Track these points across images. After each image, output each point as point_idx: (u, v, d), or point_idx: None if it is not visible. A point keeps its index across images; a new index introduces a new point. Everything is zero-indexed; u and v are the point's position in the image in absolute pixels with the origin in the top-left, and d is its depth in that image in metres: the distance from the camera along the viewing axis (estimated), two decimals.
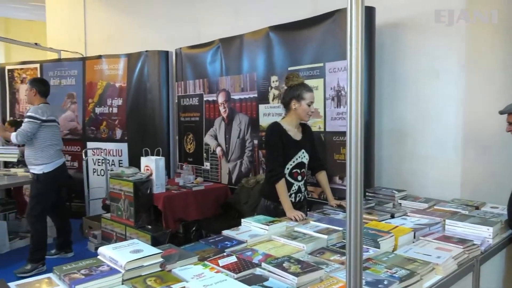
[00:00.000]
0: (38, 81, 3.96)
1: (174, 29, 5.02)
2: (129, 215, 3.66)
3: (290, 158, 2.49)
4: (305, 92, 2.47)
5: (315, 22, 3.28)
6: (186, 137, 4.76)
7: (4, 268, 3.59)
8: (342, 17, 3.02)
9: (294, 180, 2.52)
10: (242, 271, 1.46)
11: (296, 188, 2.53)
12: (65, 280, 1.33)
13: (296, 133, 2.54)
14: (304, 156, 2.55)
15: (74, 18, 6.03)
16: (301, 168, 2.55)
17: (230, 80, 4.16)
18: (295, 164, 2.50)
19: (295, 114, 2.51)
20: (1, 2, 9.64)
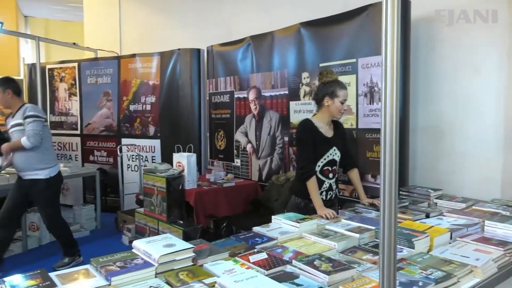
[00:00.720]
0: (9, 81, 3.50)
1: (206, 27, 5.07)
2: (162, 210, 3.74)
3: (321, 156, 2.46)
4: (339, 90, 2.43)
5: (348, 17, 3.22)
6: (217, 134, 4.81)
7: (44, 259, 3.76)
8: (375, 11, 2.94)
9: (325, 178, 2.49)
10: (272, 267, 1.46)
11: (327, 186, 2.51)
12: (101, 272, 1.38)
13: (328, 130, 2.51)
14: (336, 154, 2.51)
15: (110, 18, 6.21)
16: (333, 165, 2.52)
17: (261, 77, 4.16)
18: (326, 161, 2.47)
19: (328, 111, 2.48)
20: (41, 4, 10.07)
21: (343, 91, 2.45)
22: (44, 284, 1.27)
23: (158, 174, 3.78)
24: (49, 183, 3.42)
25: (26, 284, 1.27)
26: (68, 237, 3.70)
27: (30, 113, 3.30)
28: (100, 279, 1.35)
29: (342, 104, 2.45)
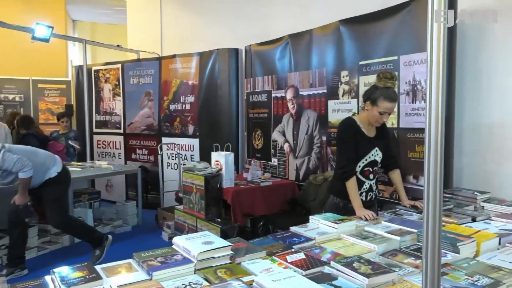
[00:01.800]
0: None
1: (244, 27, 5.11)
2: (200, 207, 3.81)
3: (362, 156, 2.41)
4: (382, 100, 2.30)
5: (389, 13, 3.13)
6: (254, 133, 4.83)
7: (90, 252, 3.92)
8: (418, 7, 2.84)
9: (365, 179, 2.44)
10: (310, 268, 1.45)
11: (367, 186, 2.45)
12: (143, 266, 1.42)
13: (370, 130, 2.45)
14: (377, 154, 2.45)
15: (151, 20, 6.39)
16: (373, 166, 2.46)
17: (298, 76, 4.13)
18: (367, 162, 2.42)
19: (366, 114, 2.43)
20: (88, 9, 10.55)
21: (387, 103, 2.30)
22: (90, 276, 1.33)
23: (197, 172, 3.85)
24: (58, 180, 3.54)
25: (74, 275, 1.34)
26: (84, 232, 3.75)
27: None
28: (142, 273, 1.40)
29: (381, 115, 2.34)
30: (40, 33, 4.88)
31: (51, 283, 1.32)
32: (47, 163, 3.53)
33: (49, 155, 3.64)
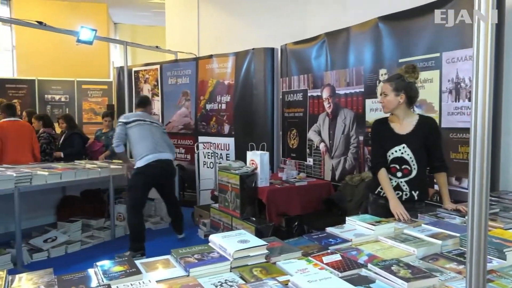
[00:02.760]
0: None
1: (280, 26, 5.10)
2: (235, 206, 3.84)
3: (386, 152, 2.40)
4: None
5: (430, 9, 3.02)
6: (289, 133, 4.81)
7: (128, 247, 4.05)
8: (462, 1, 2.72)
9: (391, 176, 2.37)
10: (347, 270, 1.42)
11: (394, 184, 2.37)
12: (181, 263, 1.45)
13: (403, 126, 2.37)
14: (405, 152, 2.35)
15: (189, 21, 6.51)
16: (402, 164, 2.36)
17: (335, 75, 4.07)
18: (391, 158, 2.37)
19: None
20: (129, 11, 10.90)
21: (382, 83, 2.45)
22: (131, 271, 1.37)
23: (232, 171, 3.88)
24: (137, 172, 3.96)
25: (115, 269, 1.38)
26: (134, 230, 3.89)
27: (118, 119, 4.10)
28: (179, 270, 1.43)
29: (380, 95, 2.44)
30: (84, 36, 5.09)
31: (94, 276, 1.38)
32: (139, 153, 3.95)
33: (149, 149, 3.96)
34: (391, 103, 2.34)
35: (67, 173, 4.07)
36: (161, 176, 4.07)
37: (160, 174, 4.02)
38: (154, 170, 3.92)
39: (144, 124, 4.07)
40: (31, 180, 3.74)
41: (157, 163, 3.91)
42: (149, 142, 3.98)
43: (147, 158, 3.89)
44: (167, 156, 4.07)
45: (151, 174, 3.94)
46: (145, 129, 4.04)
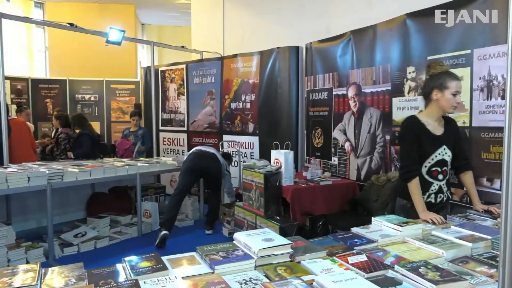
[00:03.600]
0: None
1: (305, 24, 5.07)
2: (259, 205, 3.85)
3: (428, 155, 2.29)
4: (449, 81, 2.21)
5: (461, 4, 2.93)
6: (314, 132, 4.78)
7: (155, 243, 4.13)
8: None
9: (433, 179, 2.31)
10: (372, 271, 1.40)
11: (437, 188, 2.32)
12: (206, 260, 1.47)
13: (437, 128, 2.31)
14: (446, 153, 2.31)
15: (214, 21, 6.57)
16: (442, 166, 2.31)
17: (361, 73, 4.01)
18: (434, 161, 2.29)
19: (437, 106, 2.28)
20: (156, 12, 11.10)
21: (455, 82, 2.22)
22: (158, 266, 1.40)
23: (257, 170, 3.89)
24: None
25: (142, 265, 1.42)
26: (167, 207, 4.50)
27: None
28: (204, 266, 1.44)
29: (455, 97, 2.22)
30: (113, 36, 5.22)
31: (122, 271, 1.41)
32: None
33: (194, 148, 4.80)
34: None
35: (96, 170, 4.19)
36: (201, 165, 4.56)
37: (199, 162, 4.55)
38: (193, 157, 4.57)
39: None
40: (62, 177, 3.87)
41: (197, 151, 4.62)
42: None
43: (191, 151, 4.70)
44: (210, 150, 4.71)
45: (191, 160, 4.58)
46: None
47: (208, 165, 4.60)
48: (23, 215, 4.19)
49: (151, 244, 4.10)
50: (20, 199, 4.09)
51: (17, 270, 1.33)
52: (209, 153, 4.64)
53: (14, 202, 4.12)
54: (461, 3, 2.91)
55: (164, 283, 1.28)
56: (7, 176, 3.49)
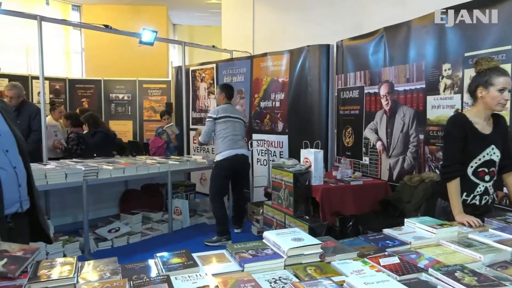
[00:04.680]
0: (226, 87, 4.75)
1: (336, 22, 5.00)
2: (289, 204, 3.83)
3: (475, 155, 2.19)
4: (495, 77, 2.10)
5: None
6: (344, 131, 4.71)
7: (187, 240, 4.22)
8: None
9: (480, 181, 2.21)
10: (405, 274, 1.37)
11: (482, 189, 2.22)
12: (235, 258, 1.48)
13: (485, 126, 2.20)
14: (494, 153, 2.20)
15: (244, 20, 6.59)
16: (490, 166, 2.21)
17: (394, 71, 3.92)
18: (481, 162, 2.19)
19: (483, 104, 2.17)
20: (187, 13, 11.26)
21: (502, 78, 2.10)
22: (188, 263, 1.42)
23: (286, 169, 3.88)
24: (216, 165, 4.43)
25: (174, 261, 1.44)
26: (216, 215, 4.37)
27: (208, 114, 4.44)
28: (234, 264, 1.45)
29: (502, 93, 2.10)
30: (146, 37, 5.34)
31: (154, 266, 1.45)
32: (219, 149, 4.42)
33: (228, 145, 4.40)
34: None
35: (129, 168, 4.30)
36: (234, 168, 4.47)
37: (234, 166, 4.44)
38: (229, 163, 4.38)
39: (230, 121, 4.43)
40: (97, 174, 4.00)
41: (232, 157, 4.38)
42: (230, 139, 4.39)
43: (224, 153, 4.36)
44: (243, 152, 4.50)
45: (226, 166, 4.39)
46: (229, 126, 4.41)
47: (243, 168, 4.65)
48: (60, 210, 4.37)
49: (181, 241, 4.18)
50: (58, 195, 4.27)
51: (55, 263, 1.38)
52: (243, 156, 4.54)
53: (52, 198, 4.30)
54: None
55: (195, 279, 1.30)
56: (46, 172, 3.64)
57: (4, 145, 1.70)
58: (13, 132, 1.77)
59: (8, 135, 1.75)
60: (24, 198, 1.74)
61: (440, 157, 3.37)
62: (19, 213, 1.73)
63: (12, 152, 1.72)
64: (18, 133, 1.80)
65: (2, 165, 1.66)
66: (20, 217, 1.75)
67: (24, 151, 1.80)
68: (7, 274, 1.27)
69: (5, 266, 1.29)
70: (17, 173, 1.71)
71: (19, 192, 1.71)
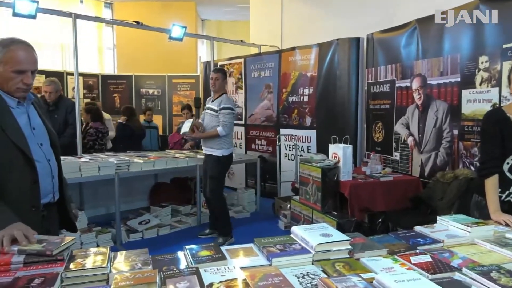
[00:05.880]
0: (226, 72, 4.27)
1: (366, 14, 4.89)
2: (316, 199, 3.80)
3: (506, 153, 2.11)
4: None
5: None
6: (374, 126, 4.61)
7: (213, 234, 4.25)
8: None
9: None
10: (438, 273, 1.33)
11: None
12: (263, 252, 1.48)
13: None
14: None
15: (272, 14, 6.56)
16: None
17: (427, 64, 3.80)
18: None
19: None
20: (216, 8, 11.32)
21: None
22: (217, 256, 1.43)
23: (314, 164, 3.85)
24: (219, 160, 3.98)
25: (202, 254, 1.46)
26: (224, 215, 4.11)
27: (226, 105, 3.92)
28: (262, 258, 1.45)
29: None
30: (176, 33, 5.41)
31: (183, 258, 1.47)
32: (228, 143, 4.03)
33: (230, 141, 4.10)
34: None
35: (159, 161, 4.39)
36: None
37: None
38: (231, 160, 4.17)
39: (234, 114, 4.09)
40: (128, 167, 4.10)
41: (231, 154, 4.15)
42: (231, 135, 4.17)
43: (230, 149, 4.08)
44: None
45: (229, 163, 4.18)
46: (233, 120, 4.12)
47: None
48: (94, 202, 4.52)
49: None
50: (91, 187, 4.41)
51: (89, 253, 1.43)
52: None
53: (86, 190, 4.45)
54: None
55: (223, 272, 1.31)
56: (80, 165, 3.77)
57: (39, 139, 1.76)
58: (45, 126, 1.83)
59: (42, 129, 1.81)
60: (56, 189, 1.81)
61: (475, 153, 3.26)
62: (51, 203, 1.81)
63: (45, 146, 1.79)
64: (50, 127, 1.86)
65: (38, 158, 1.72)
66: (52, 206, 1.83)
67: (56, 144, 1.86)
68: (45, 252, 1.34)
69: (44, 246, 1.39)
70: (51, 166, 1.78)
71: (52, 183, 1.79)
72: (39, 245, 1.39)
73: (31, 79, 1.71)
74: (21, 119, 1.72)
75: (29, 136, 1.71)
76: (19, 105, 1.73)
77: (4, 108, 1.68)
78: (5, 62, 1.64)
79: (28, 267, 1.28)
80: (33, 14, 4.05)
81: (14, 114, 1.69)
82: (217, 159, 3.98)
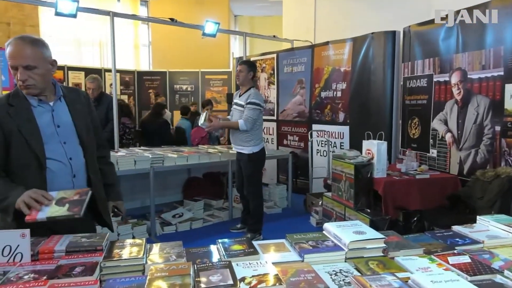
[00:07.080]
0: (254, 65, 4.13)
1: (402, 7, 4.75)
2: (349, 196, 3.75)
3: None
4: None
5: None
6: (410, 121, 4.48)
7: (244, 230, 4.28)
8: None
9: None
10: (477, 274, 1.28)
11: None
12: (295, 248, 1.48)
13: None
14: None
15: (305, 9, 6.49)
16: None
17: (467, 57, 3.64)
18: None
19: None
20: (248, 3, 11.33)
21: None
22: (249, 250, 1.44)
23: (347, 160, 3.79)
24: (250, 158, 3.91)
25: (235, 247, 1.47)
26: (258, 213, 4.07)
27: (253, 100, 3.81)
28: (294, 254, 1.45)
29: None
30: (209, 29, 5.46)
31: (215, 252, 1.49)
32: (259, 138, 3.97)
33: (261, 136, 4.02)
34: None
35: (193, 156, 4.47)
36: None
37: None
38: (264, 155, 4.08)
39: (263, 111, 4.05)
40: (163, 162, 4.20)
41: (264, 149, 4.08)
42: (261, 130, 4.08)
43: (261, 144, 4.01)
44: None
45: (263, 159, 4.09)
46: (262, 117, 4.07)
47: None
48: (130, 195, 4.66)
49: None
50: (128, 181, 4.55)
51: (126, 244, 1.48)
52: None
53: (122, 183, 4.57)
54: None
55: (255, 267, 1.32)
56: (118, 159, 3.89)
57: (63, 137, 1.73)
58: (75, 123, 1.77)
59: (69, 126, 1.76)
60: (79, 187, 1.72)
61: None
62: None
63: (70, 144, 1.75)
64: (81, 124, 1.80)
65: (56, 157, 1.69)
66: None
67: (86, 142, 1.80)
68: (74, 216, 1.45)
69: (69, 209, 1.48)
70: (71, 164, 1.74)
71: (72, 182, 1.74)
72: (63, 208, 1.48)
73: (24, 75, 1.61)
74: (43, 117, 1.69)
75: (51, 134, 1.69)
76: (41, 103, 1.70)
77: (24, 107, 1.66)
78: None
79: (70, 256, 1.34)
80: (74, 13, 4.22)
81: (34, 113, 1.67)
82: (248, 158, 3.91)
